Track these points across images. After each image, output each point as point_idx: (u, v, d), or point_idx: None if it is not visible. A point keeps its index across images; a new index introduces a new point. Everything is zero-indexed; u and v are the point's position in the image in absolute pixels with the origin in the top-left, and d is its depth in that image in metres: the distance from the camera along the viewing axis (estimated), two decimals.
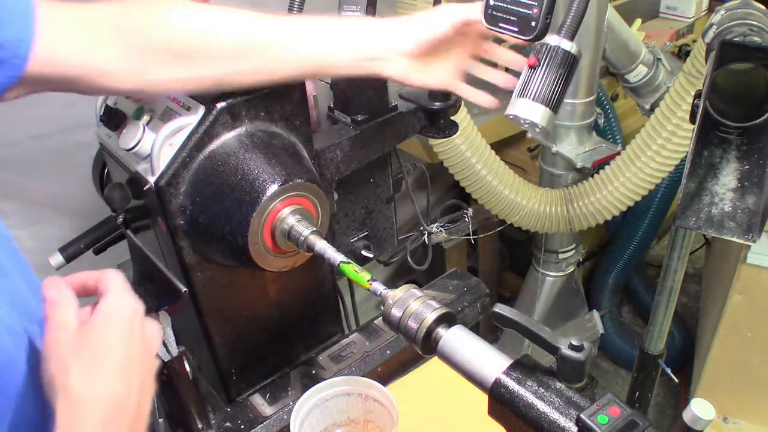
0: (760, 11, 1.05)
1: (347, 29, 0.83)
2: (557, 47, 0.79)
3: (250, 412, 1.05)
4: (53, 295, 0.59)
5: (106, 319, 0.59)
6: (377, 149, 1.10)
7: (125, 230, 1.06)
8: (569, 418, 0.59)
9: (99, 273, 0.63)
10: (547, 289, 2.04)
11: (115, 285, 0.62)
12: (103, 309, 0.59)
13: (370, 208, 1.21)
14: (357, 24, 0.85)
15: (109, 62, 0.73)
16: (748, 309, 1.77)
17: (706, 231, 0.98)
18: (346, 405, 0.95)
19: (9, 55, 0.65)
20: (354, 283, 0.81)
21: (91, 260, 1.19)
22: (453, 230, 1.93)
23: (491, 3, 0.81)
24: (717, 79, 0.93)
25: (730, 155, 0.99)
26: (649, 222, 2.30)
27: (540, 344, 0.64)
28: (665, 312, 1.40)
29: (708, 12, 2.42)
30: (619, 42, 1.68)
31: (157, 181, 0.86)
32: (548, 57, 0.79)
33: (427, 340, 0.70)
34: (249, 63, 0.79)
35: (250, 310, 1.03)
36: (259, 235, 0.86)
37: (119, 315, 0.59)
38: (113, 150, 0.99)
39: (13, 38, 0.65)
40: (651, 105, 1.81)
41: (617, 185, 1.66)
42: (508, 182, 1.73)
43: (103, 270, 0.64)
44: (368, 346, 1.15)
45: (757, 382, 1.89)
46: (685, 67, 1.42)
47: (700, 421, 0.60)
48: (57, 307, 0.58)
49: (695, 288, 2.69)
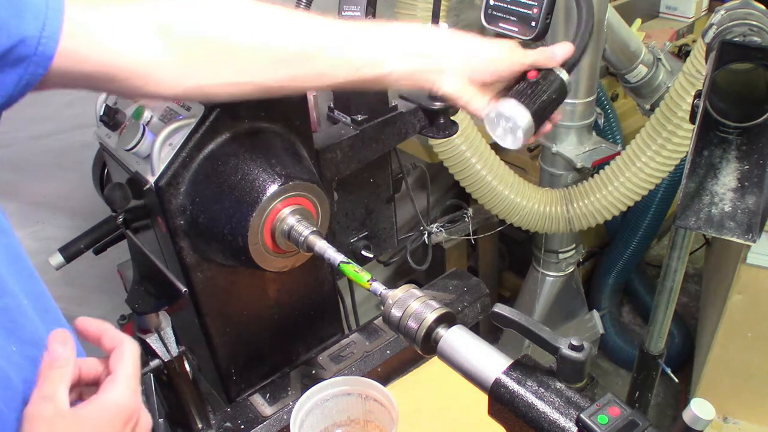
0: (760, 11, 1.05)
1: (404, 35, 0.79)
2: (555, 73, 0.80)
3: (250, 412, 1.05)
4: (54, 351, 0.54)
5: (99, 416, 0.54)
6: (377, 149, 1.10)
7: (125, 230, 1.06)
8: (569, 418, 0.59)
9: (117, 340, 0.59)
10: (547, 289, 2.04)
11: (125, 371, 0.57)
12: (102, 403, 0.54)
13: (370, 208, 1.21)
14: (416, 30, 0.81)
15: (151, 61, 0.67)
16: (748, 309, 1.77)
17: (706, 231, 0.98)
18: (346, 405, 0.95)
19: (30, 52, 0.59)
20: (354, 283, 0.81)
21: (91, 260, 1.19)
22: (453, 230, 1.93)
23: (491, 2, 0.81)
24: (717, 79, 0.93)
25: (730, 155, 0.99)
26: (649, 222, 2.30)
27: (540, 344, 0.64)
28: (665, 312, 1.40)
29: (708, 12, 2.42)
30: (619, 42, 1.68)
31: (157, 181, 0.86)
32: (547, 79, 0.80)
33: (427, 340, 0.70)
34: (301, 67, 0.75)
35: (250, 310, 1.03)
36: (259, 235, 0.86)
37: (116, 418, 0.54)
38: (113, 150, 0.99)
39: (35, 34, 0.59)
40: (651, 105, 1.81)
41: (617, 185, 1.66)
42: (508, 182, 1.73)
43: (123, 338, 0.59)
44: (368, 346, 1.15)
45: (757, 382, 1.89)
46: (685, 67, 1.42)
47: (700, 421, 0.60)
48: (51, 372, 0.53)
49: (695, 288, 2.69)
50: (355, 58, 0.76)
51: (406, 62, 0.78)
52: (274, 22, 0.74)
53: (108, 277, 1.37)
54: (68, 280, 1.45)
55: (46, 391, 0.53)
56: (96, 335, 0.60)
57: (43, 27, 0.59)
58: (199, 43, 0.70)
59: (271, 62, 0.73)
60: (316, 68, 0.75)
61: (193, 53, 0.69)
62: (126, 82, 0.67)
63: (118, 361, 0.57)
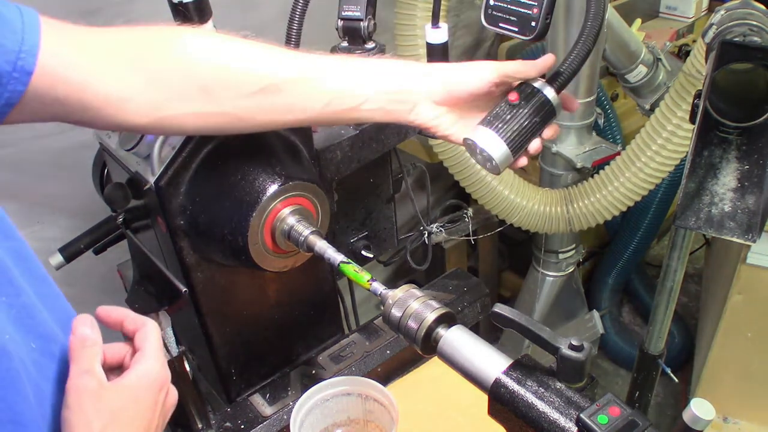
0: (760, 11, 1.05)
1: (376, 69, 0.79)
2: (542, 93, 0.78)
3: (250, 412, 1.05)
4: (83, 333, 0.57)
5: (138, 384, 0.58)
6: (377, 149, 1.10)
7: (125, 230, 1.06)
8: (569, 418, 0.59)
9: (140, 321, 0.62)
10: (547, 289, 2.04)
11: (153, 346, 0.61)
12: (139, 373, 0.58)
13: (370, 208, 1.21)
14: (387, 64, 0.80)
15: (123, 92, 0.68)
16: (748, 309, 1.77)
17: (706, 231, 0.98)
18: (346, 405, 0.95)
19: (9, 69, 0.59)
20: (354, 283, 0.81)
21: (91, 260, 1.19)
22: (453, 230, 1.93)
23: (491, 3, 0.81)
24: (717, 79, 0.93)
25: (730, 155, 0.99)
26: (649, 222, 2.30)
27: (540, 344, 0.64)
28: (665, 312, 1.40)
29: (708, 12, 2.41)
30: (619, 42, 1.68)
31: (157, 181, 0.86)
32: (529, 100, 0.78)
33: (427, 340, 0.70)
34: (272, 99, 0.75)
35: (250, 310, 1.03)
36: (259, 235, 0.86)
37: (152, 386, 0.59)
38: (113, 150, 0.99)
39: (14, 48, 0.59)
40: (651, 105, 1.81)
41: (617, 185, 1.66)
42: (508, 182, 1.73)
43: (144, 320, 0.63)
44: (368, 346, 1.15)
45: (757, 382, 1.89)
46: (685, 67, 1.42)
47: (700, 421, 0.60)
48: (84, 350, 0.56)
49: (695, 288, 2.69)
50: (326, 91, 0.77)
51: (376, 95, 0.78)
52: (247, 56, 0.75)
53: (108, 277, 1.37)
54: (68, 280, 1.45)
55: (85, 365, 0.56)
56: (118, 320, 0.63)
57: (21, 41, 0.60)
58: (173, 76, 0.70)
59: (243, 95, 0.74)
60: (287, 101, 0.76)
61: (166, 85, 0.70)
62: (99, 111, 0.68)
63: (145, 339, 0.61)
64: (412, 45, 1.52)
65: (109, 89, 0.67)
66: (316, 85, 0.76)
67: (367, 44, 1.05)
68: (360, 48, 1.04)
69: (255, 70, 0.74)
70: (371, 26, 1.04)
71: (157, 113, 0.71)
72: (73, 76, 0.65)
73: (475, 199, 1.78)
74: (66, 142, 1.35)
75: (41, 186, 1.39)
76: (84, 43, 0.66)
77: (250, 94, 0.74)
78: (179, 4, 0.95)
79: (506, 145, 0.77)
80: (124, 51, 0.68)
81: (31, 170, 1.36)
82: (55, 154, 1.34)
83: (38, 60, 0.61)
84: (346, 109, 0.78)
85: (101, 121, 0.69)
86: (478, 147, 0.78)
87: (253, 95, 0.74)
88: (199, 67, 0.72)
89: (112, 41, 0.69)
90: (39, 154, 1.34)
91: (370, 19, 1.03)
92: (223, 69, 0.73)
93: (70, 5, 1.22)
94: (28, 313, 0.56)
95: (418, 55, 1.51)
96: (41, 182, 1.39)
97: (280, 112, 0.77)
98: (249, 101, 0.74)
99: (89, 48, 0.67)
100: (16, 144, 1.30)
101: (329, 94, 0.77)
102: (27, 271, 0.59)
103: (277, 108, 0.76)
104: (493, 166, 0.78)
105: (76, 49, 0.65)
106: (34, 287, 0.59)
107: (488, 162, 0.78)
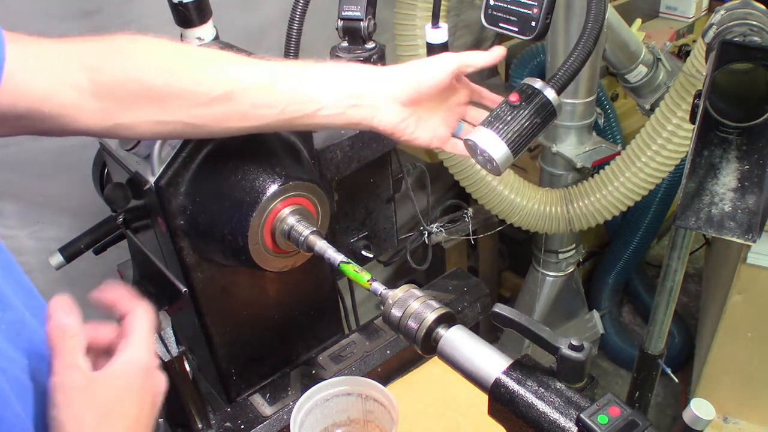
0: (760, 11, 1.05)
1: (333, 73, 0.78)
2: (542, 95, 0.78)
3: (250, 412, 1.05)
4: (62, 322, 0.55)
5: (126, 372, 0.57)
6: (377, 149, 1.10)
7: (125, 230, 1.06)
8: (569, 418, 0.59)
9: (131, 305, 0.61)
10: (547, 289, 2.04)
11: (141, 333, 0.60)
12: (125, 360, 0.57)
13: (370, 208, 1.21)
14: (345, 68, 0.80)
15: (79, 101, 0.69)
16: (748, 309, 1.77)
17: (706, 231, 0.98)
18: (346, 405, 0.95)
19: None
20: (354, 283, 0.81)
21: (91, 260, 1.19)
22: (453, 230, 1.93)
23: (491, 3, 0.81)
24: (717, 79, 0.93)
25: (730, 155, 0.99)
26: (649, 222, 2.30)
27: (540, 344, 0.64)
28: (665, 312, 1.40)
29: (708, 12, 2.41)
30: (619, 42, 1.68)
31: (157, 181, 0.86)
32: (530, 101, 0.78)
33: (427, 340, 0.70)
34: (225, 107, 0.75)
35: (250, 310, 1.03)
36: (259, 235, 0.86)
37: (138, 372, 0.58)
38: (113, 150, 0.99)
39: None
40: (651, 105, 1.81)
41: (617, 185, 1.66)
42: (508, 182, 1.73)
43: (136, 303, 0.62)
44: (368, 346, 1.15)
45: (757, 382, 1.89)
46: (685, 67, 1.42)
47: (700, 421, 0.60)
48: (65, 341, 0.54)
49: (695, 288, 2.69)
50: (280, 97, 0.76)
51: (334, 99, 0.77)
52: (199, 64, 0.75)
53: (108, 277, 1.37)
54: (68, 280, 1.45)
55: (68, 360, 0.54)
56: (110, 303, 0.62)
57: None
58: (124, 87, 0.71)
59: (195, 105, 0.74)
60: (240, 109, 0.75)
61: (118, 96, 0.71)
62: (55, 120, 0.69)
63: (133, 325, 0.60)
64: (412, 45, 1.52)
65: (65, 100, 0.68)
66: (268, 92, 0.76)
67: (367, 44, 1.04)
68: (360, 48, 1.04)
69: (207, 80, 0.74)
70: (371, 26, 1.04)
71: (111, 121, 0.72)
72: (34, 91, 0.66)
73: (475, 199, 1.78)
74: (66, 142, 1.34)
75: (41, 186, 1.39)
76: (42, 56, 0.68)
77: (202, 104, 0.74)
78: (179, 4, 0.95)
79: (507, 146, 0.77)
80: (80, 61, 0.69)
81: (31, 170, 1.36)
82: (55, 154, 1.34)
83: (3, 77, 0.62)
84: (302, 115, 0.77)
85: (57, 129, 0.71)
86: (479, 148, 0.78)
87: (205, 105, 0.74)
88: (150, 78, 0.72)
89: (68, 52, 0.69)
90: (39, 154, 1.34)
91: (370, 19, 1.03)
92: (175, 81, 0.73)
93: (70, 5, 1.22)
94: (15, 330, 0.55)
95: (418, 55, 1.51)
96: (41, 182, 1.39)
97: (235, 119, 0.76)
98: (202, 110, 0.74)
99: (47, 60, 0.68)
100: (16, 144, 1.30)
101: (283, 101, 0.76)
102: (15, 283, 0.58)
103: (231, 116, 0.76)
104: (493, 167, 0.79)
105: (34, 62, 0.67)
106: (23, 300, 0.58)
107: (489, 163, 0.78)
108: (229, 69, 0.75)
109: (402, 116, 0.79)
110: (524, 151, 0.80)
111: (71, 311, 0.56)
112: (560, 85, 0.79)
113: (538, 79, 0.79)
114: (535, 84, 0.78)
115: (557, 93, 0.79)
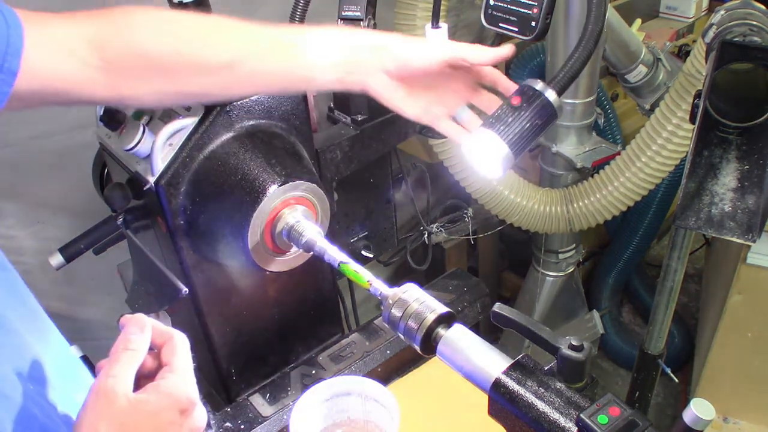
0: (760, 11, 1.05)
1: (329, 41, 0.80)
2: (543, 96, 0.78)
3: (250, 412, 1.05)
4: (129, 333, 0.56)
5: (158, 401, 0.55)
6: (377, 149, 1.11)
7: (125, 230, 1.06)
8: (569, 418, 0.59)
9: (167, 334, 0.60)
10: (547, 289, 2.04)
11: (182, 361, 0.58)
12: (162, 390, 0.56)
13: (370, 208, 1.21)
14: (339, 36, 0.82)
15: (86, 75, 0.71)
16: (748, 309, 1.77)
17: (706, 231, 0.98)
18: (346, 405, 0.95)
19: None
20: (354, 283, 0.81)
21: (91, 260, 1.19)
22: (453, 230, 1.93)
23: (491, 3, 0.81)
24: (717, 79, 0.93)
25: (730, 155, 0.99)
26: (649, 222, 2.30)
27: (540, 344, 0.64)
28: (665, 312, 1.40)
29: (708, 12, 2.41)
30: (619, 42, 1.68)
31: (157, 181, 0.86)
32: (531, 103, 0.78)
33: (427, 340, 0.70)
34: (229, 75, 0.77)
35: (250, 310, 1.03)
36: (259, 235, 0.86)
37: (174, 405, 0.56)
38: (113, 150, 0.99)
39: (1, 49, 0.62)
40: (651, 105, 1.81)
41: (617, 185, 1.66)
42: (508, 182, 1.73)
43: (172, 332, 0.61)
44: (368, 346, 1.15)
45: (757, 382, 1.89)
46: (685, 67, 1.42)
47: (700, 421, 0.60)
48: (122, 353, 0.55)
49: (695, 288, 2.69)
50: (278, 66, 0.79)
51: (330, 67, 0.79)
52: (202, 34, 0.77)
53: (108, 277, 1.37)
54: (68, 280, 1.45)
55: (116, 370, 0.55)
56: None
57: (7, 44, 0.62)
58: (130, 61, 0.73)
59: (199, 73, 0.76)
60: (243, 76, 0.78)
61: (125, 69, 0.73)
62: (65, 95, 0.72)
63: (172, 354, 0.59)
64: None
65: (74, 77, 0.70)
66: (273, 60, 0.79)
67: None
68: None
69: (211, 50, 0.76)
70: (371, 26, 1.04)
71: (118, 92, 0.74)
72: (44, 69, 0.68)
73: (475, 199, 1.78)
74: (66, 142, 1.35)
75: (41, 186, 1.40)
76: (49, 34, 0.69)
77: (207, 73, 0.76)
78: (179, 5, 0.95)
79: (508, 147, 0.77)
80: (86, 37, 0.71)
81: (31, 170, 1.36)
82: (55, 154, 1.34)
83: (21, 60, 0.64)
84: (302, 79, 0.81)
85: (65, 101, 0.73)
86: (480, 149, 0.78)
87: (210, 74, 0.76)
88: (156, 52, 0.74)
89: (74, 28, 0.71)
90: (39, 154, 1.34)
91: (370, 19, 1.03)
92: (181, 53, 0.75)
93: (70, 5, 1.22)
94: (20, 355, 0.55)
95: None
96: (41, 182, 1.39)
97: (238, 86, 0.80)
98: (207, 79, 0.77)
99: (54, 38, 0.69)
100: (16, 144, 1.30)
101: (281, 70, 0.79)
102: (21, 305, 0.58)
103: (234, 84, 0.79)
104: (494, 169, 0.79)
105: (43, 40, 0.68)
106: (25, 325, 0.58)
107: (490, 164, 0.79)
108: (232, 38, 0.78)
109: (392, 85, 0.81)
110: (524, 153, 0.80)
111: (144, 329, 0.57)
112: (561, 86, 0.79)
113: (539, 81, 0.79)
114: (536, 85, 0.78)
115: (558, 94, 0.79)
